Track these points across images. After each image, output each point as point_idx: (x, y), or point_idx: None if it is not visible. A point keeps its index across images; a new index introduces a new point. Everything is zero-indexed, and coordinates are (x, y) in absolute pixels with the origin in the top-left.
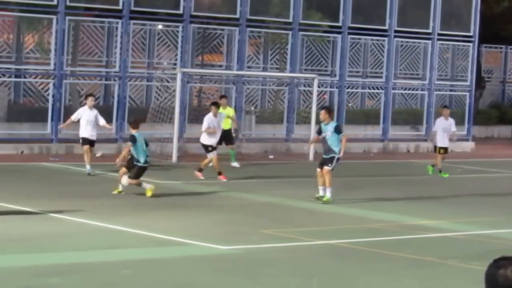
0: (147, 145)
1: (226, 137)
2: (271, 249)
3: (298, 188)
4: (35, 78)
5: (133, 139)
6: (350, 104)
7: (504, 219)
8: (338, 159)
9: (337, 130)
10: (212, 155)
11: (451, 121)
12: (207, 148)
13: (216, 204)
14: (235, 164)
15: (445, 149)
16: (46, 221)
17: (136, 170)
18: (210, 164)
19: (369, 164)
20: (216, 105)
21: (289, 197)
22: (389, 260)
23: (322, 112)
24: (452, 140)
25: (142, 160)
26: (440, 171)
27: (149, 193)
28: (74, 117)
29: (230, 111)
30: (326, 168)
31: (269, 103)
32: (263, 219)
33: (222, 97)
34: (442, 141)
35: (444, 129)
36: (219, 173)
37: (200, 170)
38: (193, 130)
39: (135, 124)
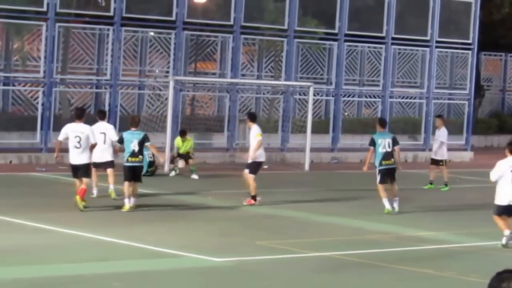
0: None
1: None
2: (266, 261)
3: (294, 198)
4: (24, 86)
5: (120, 139)
6: (346, 113)
7: None
8: (379, 171)
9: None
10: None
11: (441, 131)
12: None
13: (209, 215)
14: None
15: (436, 161)
16: (36, 232)
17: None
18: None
19: (366, 174)
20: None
21: (285, 208)
22: (386, 272)
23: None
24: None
25: (125, 159)
26: (431, 183)
27: (124, 209)
28: None
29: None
30: None
31: (264, 111)
32: (258, 230)
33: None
34: (434, 152)
35: (435, 140)
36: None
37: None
38: None
39: (130, 123)
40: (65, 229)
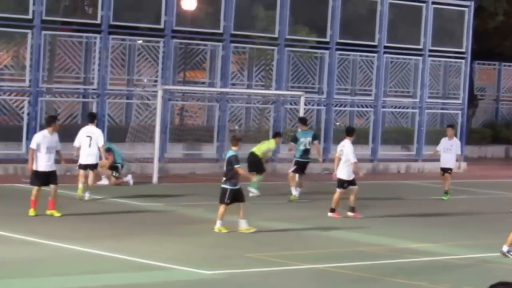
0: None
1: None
2: (257, 274)
3: (285, 210)
4: (9, 95)
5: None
6: (338, 123)
7: (497, 242)
8: (296, 162)
9: None
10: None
11: (455, 141)
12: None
13: (199, 226)
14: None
15: (445, 169)
16: (22, 245)
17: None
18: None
19: (358, 186)
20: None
21: (276, 220)
22: (379, 285)
23: None
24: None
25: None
26: (446, 192)
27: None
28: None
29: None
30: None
31: (254, 121)
32: (249, 242)
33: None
34: (442, 161)
35: (445, 149)
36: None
37: (333, 210)
38: (175, 149)
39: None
40: (51, 241)
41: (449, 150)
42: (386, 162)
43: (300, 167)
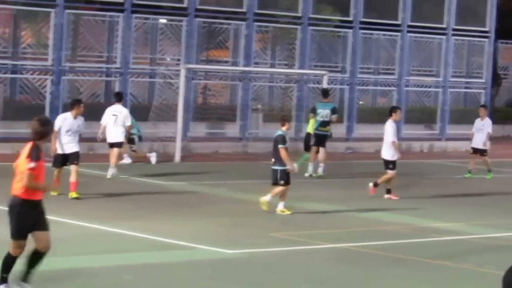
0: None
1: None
2: (279, 253)
3: (308, 189)
4: (32, 74)
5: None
6: (361, 102)
7: None
8: (314, 134)
9: None
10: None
11: (486, 121)
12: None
13: (222, 206)
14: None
15: (476, 150)
16: None
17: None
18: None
19: (380, 165)
20: None
21: (299, 199)
22: (402, 264)
23: None
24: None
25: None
26: (469, 171)
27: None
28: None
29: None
30: None
31: (277, 100)
32: (272, 221)
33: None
34: (474, 141)
35: (477, 129)
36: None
37: (376, 185)
38: (198, 128)
39: (282, 121)
40: (73, 220)
41: (481, 130)
42: (409, 141)
43: (318, 140)
